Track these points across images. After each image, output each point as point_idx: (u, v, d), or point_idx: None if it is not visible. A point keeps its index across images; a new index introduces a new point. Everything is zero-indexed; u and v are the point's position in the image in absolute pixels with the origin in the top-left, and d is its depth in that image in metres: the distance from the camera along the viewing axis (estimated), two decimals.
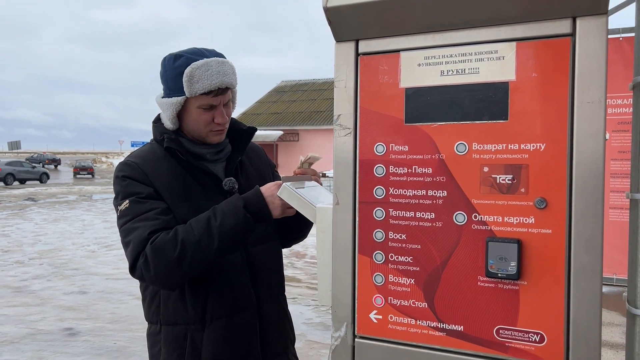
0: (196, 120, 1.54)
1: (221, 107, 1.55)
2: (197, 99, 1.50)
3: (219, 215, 1.41)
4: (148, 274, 1.39)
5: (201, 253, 1.38)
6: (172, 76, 1.50)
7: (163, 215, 1.44)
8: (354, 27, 1.12)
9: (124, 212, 1.45)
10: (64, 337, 4.94)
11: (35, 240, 10.62)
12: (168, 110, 1.53)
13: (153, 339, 1.56)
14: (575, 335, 0.97)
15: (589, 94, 0.95)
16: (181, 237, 1.38)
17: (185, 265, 1.38)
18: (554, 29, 0.98)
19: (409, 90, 1.10)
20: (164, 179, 1.50)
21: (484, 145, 1.03)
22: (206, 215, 1.42)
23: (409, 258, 1.10)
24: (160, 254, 1.37)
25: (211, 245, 1.38)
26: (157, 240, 1.38)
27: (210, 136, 1.58)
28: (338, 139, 1.17)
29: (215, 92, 1.50)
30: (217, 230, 1.39)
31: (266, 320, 1.61)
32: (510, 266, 1.00)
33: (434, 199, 1.08)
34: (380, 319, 1.13)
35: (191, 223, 1.41)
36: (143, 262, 1.38)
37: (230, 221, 1.40)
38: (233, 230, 1.40)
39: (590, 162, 0.95)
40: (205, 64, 1.48)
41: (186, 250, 1.37)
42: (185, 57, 1.50)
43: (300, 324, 5.19)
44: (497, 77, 1.02)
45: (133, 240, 1.40)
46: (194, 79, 1.47)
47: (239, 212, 1.40)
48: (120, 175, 1.50)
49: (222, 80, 1.49)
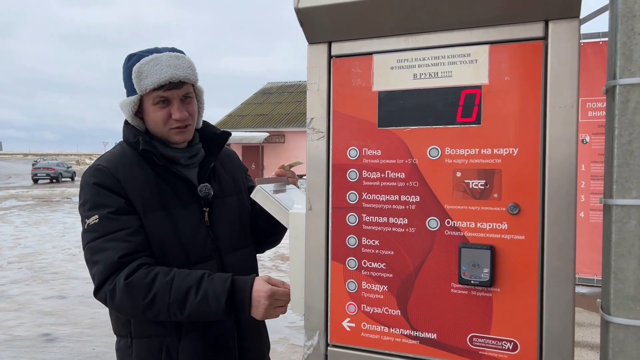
0: (154, 120, 1.49)
1: (177, 102, 1.48)
2: (149, 95, 1.45)
3: (201, 292, 1.34)
4: (112, 303, 1.36)
5: (167, 314, 1.35)
6: (126, 76, 1.46)
7: (134, 236, 1.38)
8: (326, 29, 1.10)
9: (92, 228, 1.39)
10: (41, 343, 4.84)
11: (14, 243, 10.41)
12: (125, 109, 1.49)
13: (123, 352, 1.50)
14: (548, 343, 0.95)
15: (562, 98, 0.94)
16: (155, 291, 1.33)
17: (149, 314, 1.36)
18: (527, 32, 0.97)
19: (382, 93, 1.08)
20: (137, 186, 1.43)
21: (456, 150, 1.02)
22: (190, 282, 1.35)
23: (382, 264, 1.08)
24: (130, 295, 1.33)
25: (179, 314, 1.35)
26: (132, 278, 1.33)
27: (171, 135, 1.51)
28: (311, 143, 1.14)
29: (166, 86, 1.44)
30: (191, 306, 1.34)
31: (244, 328, 1.57)
32: (483, 273, 0.98)
33: (407, 204, 1.06)
34: (353, 327, 1.11)
35: (173, 281, 1.34)
36: (110, 290, 1.34)
37: (207, 306, 1.34)
38: (204, 314, 1.35)
39: (564, 166, 0.94)
40: (154, 59, 1.43)
41: (155, 305, 1.34)
42: (138, 55, 1.45)
43: (283, 327, 5.15)
44: (470, 81, 1.01)
45: (102, 262, 1.35)
46: (142, 75, 1.42)
47: (220, 303, 1.33)
48: (92, 182, 1.42)
49: (173, 74, 1.43)
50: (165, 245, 1.43)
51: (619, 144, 0.92)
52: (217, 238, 1.53)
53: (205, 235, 1.50)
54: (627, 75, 0.91)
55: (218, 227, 1.54)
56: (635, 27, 0.91)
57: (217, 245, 1.52)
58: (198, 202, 1.51)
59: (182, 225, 1.46)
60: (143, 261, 1.37)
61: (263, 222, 1.62)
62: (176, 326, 1.45)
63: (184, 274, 1.37)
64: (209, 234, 1.51)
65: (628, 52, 0.91)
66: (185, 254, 1.45)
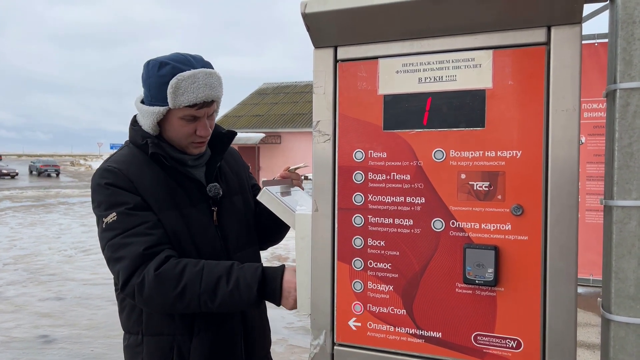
0: (177, 132, 1.48)
1: (205, 120, 1.49)
2: (180, 110, 1.44)
3: (232, 281, 1.35)
4: (140, 297, 1.35)
5: (198, 305, 1.35)
6: (155, 84, 1.43)
7: (155, 229, 1.38)
8: (333, 33, 1.12)
9: (111, 226, 1.38)
10: (39, 345, 4.83)
11: (10, 245, 10.36)
12: (148, 118, 1.47)
13: (133, 350, 1.50)
14: (551, 341, 0.98)
15: (564, 102, 0.97)
16: (185, 282, 1.33)
17: (179, 307, 1.35)
18: (530, 37, 0.99)
19: (388, 97, 1.10)
20: (148, 186, 1.44)
21: (461, 152, 1.04)
22: (221, 271, 1.36)
23: (387, 265, 1.10)
24: (160, 286, 1.32)
25: (210, 303, 1.34)
26: (162, 269, 1.33)
27: (190, 148, 1.52)
28: (317, 145, 1.16)
29: (200, 105, 1.44)
30: (222, 296, 1.34)
31: (250, 326, 1.59)
32: (488, 272, 1.00)
33: (412, 205, 1.08)
34: (359, 326, 1.13)
35: (203, 270, 1.36)
36: (139, 284, 1.33)
37: (240, 295, 1.34)
38: (236, 304, 1.35)
39: (565, 169, 0.97)
40: (192, 76, 1.40)
41: (185, 295, 1.34)
42: (171, 65, 1.41)
43: (282, 328, 5.16)
44: (474, 85, 1.03)
45: (127, 257, 1.34)
46: (180, 91, 1.40)
47: (252, 292, 1.34)
48: (103, 183, 1.42)
49: (209, 94, 1.43)
50: (180, 244, 1.44)
51: (620, 147, 0.94)
52: (226, 237, 1.55)
53: (214, 235, 1.52)
54: (627, 80, 0.94)
55: (226, 226, 1.56)
56: (635, 32, 0.93)
57: (226, 245, 1.54)
58: (207, 202, 1.53)
59: (194, 225, 1.47)
60: (169, 253, 1.38)
61: (267, 219, 1.64)
62: (188, 324, 1.46)
63: (212, 264, 1.37)
64: (218, 234, 1.53)
65: (628, 57, 0.94)
66: (198, 253, 1.46)
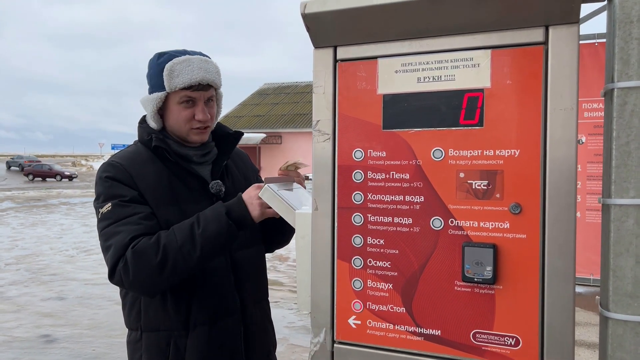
0: (177, 118, 1.53)
1: (202, 104, 1.53)
2: (176, 94, 1.49)
3: (202, 222, 1.39)
4: (127, 279, 1.36)
5: (183, 260, 1.36)
6: (155, 73, 1.50)
7: (146, 220, 1.41)
8: (332, 33, 1.13)
9: (105, 215, 1.42)
10: (41, 344, 4.84)
11: (12, 245, 10.39)
12: (149, 106, 1.52)
13: (134, 346, 1.53)
14: (550, 339, 0.98)
15: (562, 101, 0.97)
16: (163, 243, 1.36)
17: (167, 272, 1.36)
18: (528, 37, 1.00)
19: (387, 96, 1.11)
20: (149, 182, 1.47)
21: (459, 151, 1.05)
22: (189, 222, 1.41)
23: (387, 263, 1.11)
24: (141, 259, 1.34)
25: (193, 252, 1.36)
26: (138, 244, 1.35)
27: (191, 134, 1.56)
28: (317, 145, 1.17)
29: (195, 86, 1.49)
30: (199, 237, 1.37)
31: (250, 326, 1.60)
32: (486, 271, 1.01)
33: (412, 204, 1.08)
34: (359, 324, 1.14)
35: (174, 229, 1.40)
36: (122, 267, 1.35)
37: (213, 228, 1.38)
38: (215, 237, 1.38)
39: (564, 168, 0.97)
40: (187, 60, 1.48)
41: (168, 256, 1.35)
42: (169, 54, 1.51)
43: (283, 327, 5.17)
44: (473, 84, 1.04)
45: (114, 245, 1.37)
46: (174, 73, 1.46)
47: (222, 218, 1.39)
48: (104, 176, 1.46)
49: (204, 76, 1.49)
50: None
51: (617, 146, 0.95)
52: None
53: None
54: (624, 79, 0.95)
55: None
56: (632, 32, 0.94)
57: None
58: (210, 199, 1.54)
59: None
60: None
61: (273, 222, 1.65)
62: (184, 320, 1.48)
63: (179, 223, 1.42)
64: None
65: (625, 57, 0.94)
66: None
